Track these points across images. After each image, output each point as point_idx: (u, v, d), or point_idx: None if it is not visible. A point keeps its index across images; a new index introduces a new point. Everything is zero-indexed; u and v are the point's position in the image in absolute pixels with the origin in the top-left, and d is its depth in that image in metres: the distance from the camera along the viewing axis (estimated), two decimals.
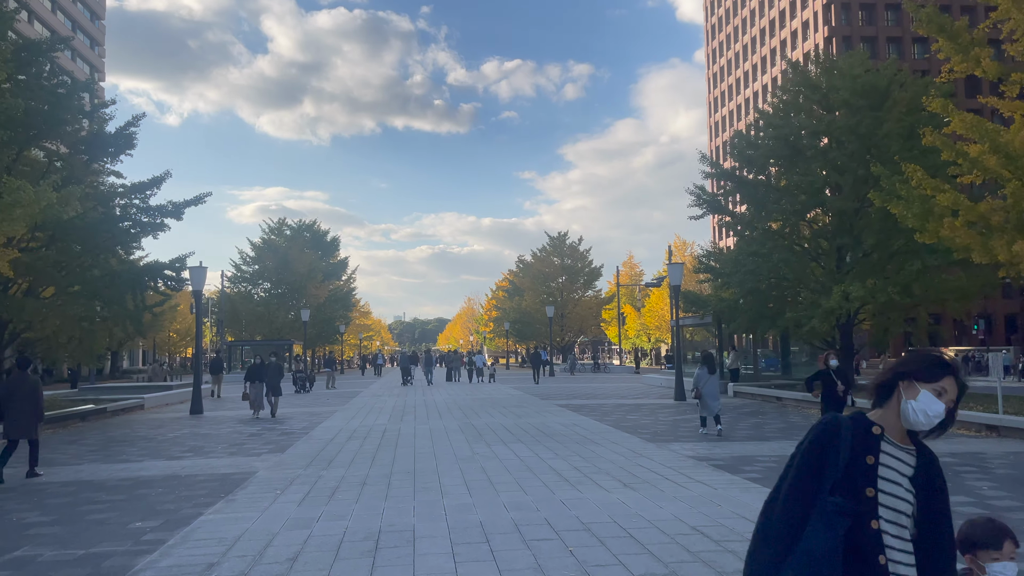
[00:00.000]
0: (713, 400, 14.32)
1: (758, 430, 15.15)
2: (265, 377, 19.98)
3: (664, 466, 10.59)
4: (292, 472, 10.71)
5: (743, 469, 10.29)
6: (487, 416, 18.89)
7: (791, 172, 23.43)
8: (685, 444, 12.98)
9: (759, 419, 17.43)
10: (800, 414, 18.49)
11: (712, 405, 14.28)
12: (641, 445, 12.89)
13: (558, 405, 22.13)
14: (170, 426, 18.18)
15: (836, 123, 21.82)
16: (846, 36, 77.72)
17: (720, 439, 13.63)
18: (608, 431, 15.09)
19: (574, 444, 13.10)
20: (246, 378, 20.26)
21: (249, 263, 65.48)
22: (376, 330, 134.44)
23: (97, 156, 22.77)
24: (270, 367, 20.35)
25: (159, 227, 23.67)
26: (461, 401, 24.59)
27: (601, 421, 17.16)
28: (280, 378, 20.33)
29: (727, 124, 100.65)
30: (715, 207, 25.99)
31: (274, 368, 20.37)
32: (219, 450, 13.48)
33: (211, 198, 23.04)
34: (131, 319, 23.17)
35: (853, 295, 19.87)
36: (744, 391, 25.13)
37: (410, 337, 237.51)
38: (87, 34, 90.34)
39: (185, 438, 15.45)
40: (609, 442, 13.33)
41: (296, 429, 16.66)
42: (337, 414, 20.38)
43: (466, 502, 8.30)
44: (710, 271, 24.86)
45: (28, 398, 10.73)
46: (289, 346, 60.04)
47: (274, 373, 20.21)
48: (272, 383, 20.04)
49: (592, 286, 69.33)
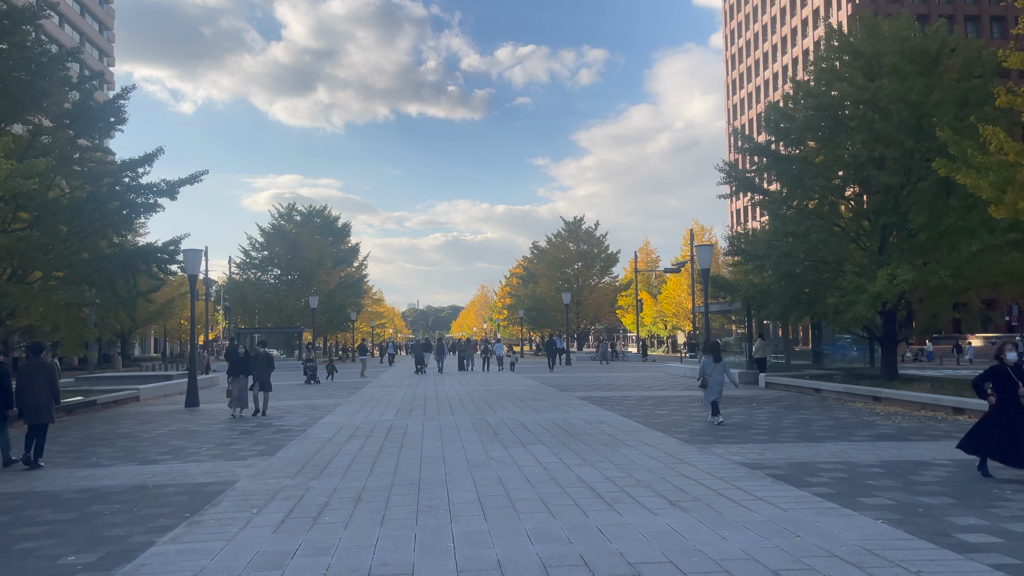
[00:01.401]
0: (716, 388, 14.39)
1: (805, 428, 13.51)
2: (251, 370, 17.26)
3: (713, 476, 8.99)
4: (277, 482, 9.19)
5: (808, 481, 8.67)
6: (502, 411, 17.34)
7: (830, 146, 21.64)
8: (730, 447, 11.37)
9: (802, 414, 15.78)
10: (846, 409, 16.82)
11: (708, 394, 14.42)
12: (679, 448, 11.29)
13: (578, 398, 20.56)
14: (159, 421, 16.76)
15: (882, 91, 19.96)
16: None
17: (771, 442, 12.00)
18: (638, 429, 13.49)
19: (602, 446, 11.51)
20: (228, 371, 17.47)
21: (258, 249, 64.20)
22: (389, 317, 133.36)
23: (84, 131, 21.25)
24: (257, 358, 17.43)
25: (152, 207, 22.21)
26: (474, 393, 23.07)
27: (628, 417, 15.57)
28: (270, 370, 17.33)
29: (745, 106, 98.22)
30: (746, 184, 24.24)
31: (262, 359, 17.37)
32: (203, 451, 12.01)
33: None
34: (123, 305, 21.77)
35: (901, 278, 18.13)
36: (777, 382, 23.46)
37: (424, 325, 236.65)
38: (96, 18, 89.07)
39: (170, 436, 13.99)
40: (642, 443, 11.74)
41: (293, 426, 15.18)
42: (341, 408, 18.90)
43: (480, 528, 6.74)
44: (741, 253, 23.11)
45: (45, 383, 10.88)
46: (299, 333, 58.82)
47: (262, 365, 17.27)
48: (261, 376, 17.23)
49: (609, 272, 67.67)
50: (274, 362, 17.61)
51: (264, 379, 17.28)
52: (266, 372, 17.28)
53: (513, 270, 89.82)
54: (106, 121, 21.34)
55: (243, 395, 17.15)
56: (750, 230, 28.76)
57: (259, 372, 17.26)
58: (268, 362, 17.41)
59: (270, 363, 17.42)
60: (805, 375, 23.85)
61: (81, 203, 20.02)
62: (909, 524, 6.68)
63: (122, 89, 21.54)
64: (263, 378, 17.27)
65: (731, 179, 24.15)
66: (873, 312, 19.47)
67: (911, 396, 16.76)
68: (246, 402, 17.28)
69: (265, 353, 17.58)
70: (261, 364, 17.31)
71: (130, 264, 21.24)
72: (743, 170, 24.00)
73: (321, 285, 62.48)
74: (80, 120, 20.76)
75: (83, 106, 20.63)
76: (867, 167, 20.40)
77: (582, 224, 67.38)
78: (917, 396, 16.60)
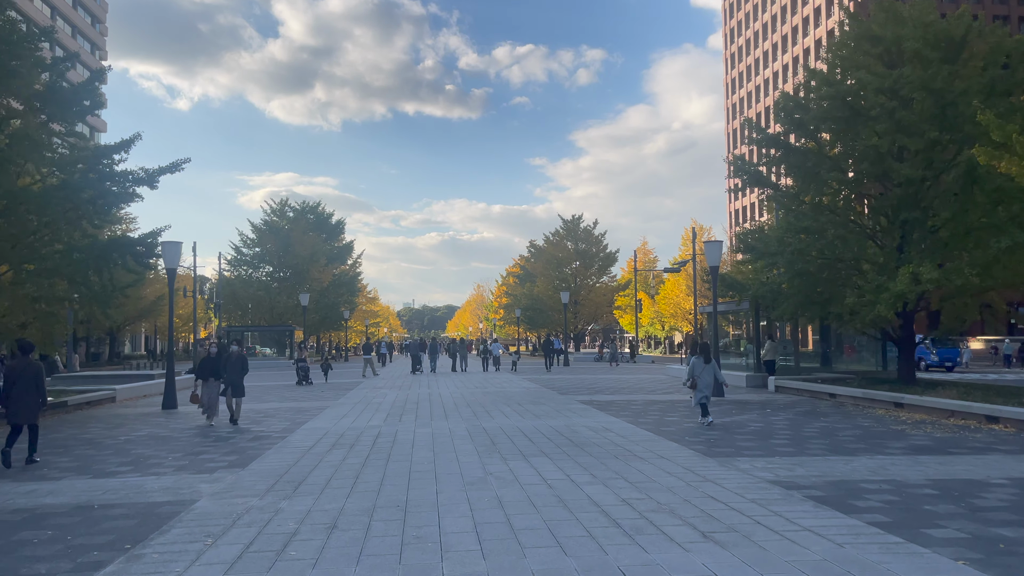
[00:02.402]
0: (705, 388, 14.39)
1: (831, 438, 12.35)
2: (224, 372, 15.24)
3: (744, 498, 7.82)
4: (243, 502, 8.00)
5: (856, 506, 7.50)
6: (500, 416, 16.16)
7: (846, 137, 20.52)
8: (754, 460, 10.20)
9: (823, 422, 14.62)
10: (868, 416, 15.67)
11: (698, 395, 14.42)
12: (698, 461, 10.12)
13: (580, 402, 19.38)
14: (130, 425, 15.55)
15: (904, 78, 18.84)
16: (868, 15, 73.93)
17: (799, 454, 10.84)
18: (650, 439, 12.31)
19: (613, 459, 10.34)
20: (197, 373, 15.51)
21: (250, 245, 62.96)
22: (384, 316, 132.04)
23: (57, 115, 19.98)
24: (230, 359, 15.40)
25: (130, 196, 20.96)
26: (470, 395, 21.87)
27: (636, 424, 14.39)
28: (244, 373, 15.30)
29: (745, 106, 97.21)
30: (756, 179, 23.07)
31: (237, 361, 15.35)
32: (167, 462, 10.80)
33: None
34: (97, 301, 20.49)
35: (924, 277, 17.01)
36: (788, 386, 22.31)
37: (419, 324, 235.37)
38: (88, 11, 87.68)
39: (135, 443, 12.77)
40: (656, 456, 10.57)
41: (273, 432, 13.97)
42: (327, 411, 17.70)
43: (476, 571, 5.55)
44: (751, 251, 21.96)
45: (31, 383, 10.78)
46: (291, 332, 57.57)
47: (236, 367, 15.24)
48: (233, 379, 15.21)
49: (607, 271, 66.52)
50: (248, 363, 15.65)
51: (237, 382, 15.31)
52: (239, 374, 15.33)
53: (510, 269, 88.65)
54: (80, 105, 20.08)
55: (214, 401, 15.28)
56: (759, 225, 27.56)
57: (231, 374, 15.26)
58: (241, 363, 15.39)
59: (243, 364, 15.40)
60: (816, 379, 22.73)
61: (52, 191, 18.79)
62: (997, 568, 5.52)
63: (95, 71, 20.31)
64: (235, 381, 15.29)
65: (740, 173, 23.00)
66: (892, 313, 18.33)
67: (938, 403, 15.61)
68: (217, 408, 15.46)
69: (238, 354, 15.60)
70: (233, 366, 15.30)
71: (104, 257, 19.97)
72: (752, 163, 22.83)
73: (314, 283, 61.25)
74: (53, 103, 19.50)
75: (56, 88, 19.38)
76: (887, 159, 19.28)
77: (580, 222, 66.23)
78: (945, 403, 15.45)
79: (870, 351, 30.23)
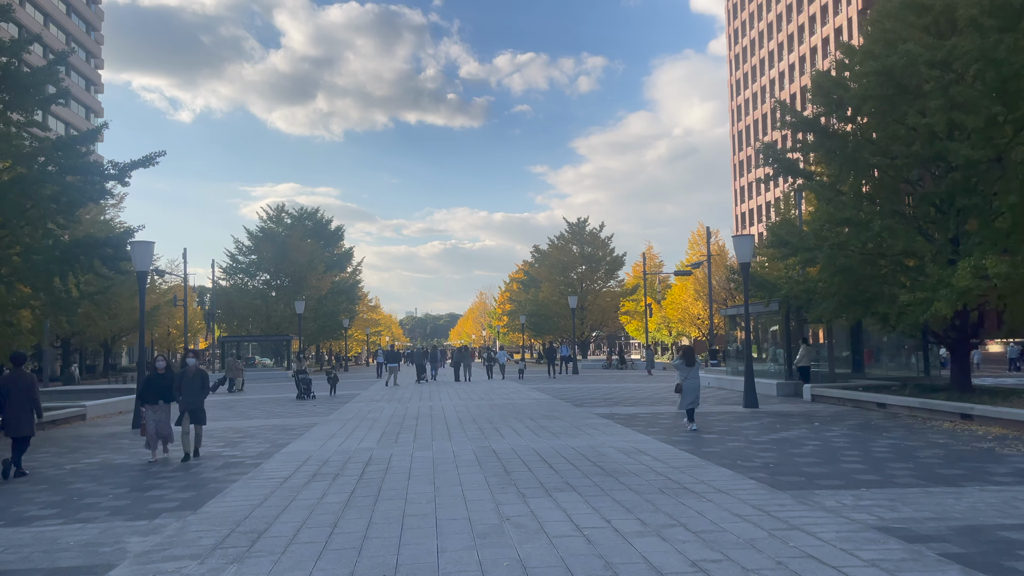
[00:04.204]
0: (692, 393, 14.34)
1: (912, 460, 10.25)
2: (178, 395, 11.93)
3: (858, 559, 5.73)
4: (176, 568, 5.92)
5: (1010, 567, 5.41)
6: (511, 434, 14.06)
7: (890, 118, 18.46)
8: (838, 494, 8.10)
9: (888, 438, 12.51)
10: (936, 431, 13.56)
11: (687, 398, 14.32)
12: (769, 497, 8.02)
13: (600, 415, 17.29)
14: (86, 449, 13.47)
15: (958, 49, 16.82)
16: None
17: (888, 484, 8.74)
18: (695, 464, 10.21)
19: (659, 495, 8.24)
20: (142, 396, 12.10)
21: (245, 253, 61.02)
22: (386, 325, 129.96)
23: (16, 104, 18.01)
24: (185, 377, 11.98)
25: (99, 193, 19.04)
26: (475, 408, 19.78)
27: (671, 443, 12.30)
28: (206, 394, 12.08)
29: (750, 107, 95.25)
30: (788, 167, 21.05)
31: (195, 379, 11.99)
32: (105, 502, 8.72)
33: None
34: (61, 308, 18.51)
35: (992, 271, 14.94)
36: (826, 394, 20.22)
37: (422, 332, 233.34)
38: (82, 18, 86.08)
39: (79, 474, 10.70)
40: (711, 489, 8.47)
41: (246, 457, 11.88)
42: (315, 430, 15.61)
43: None
44: (786, 245, 19.88)
45: (25, 394, 10.75)
46: (288, 341, 55.51)
47: (195, 387, 11.92)
48: (192, 403, 11.83)
49: (614, 276, 64.43)
50: (209, 381, 12.46)
51: (196, 407, 11.90)
52: (199, 396, 11.98)
53: (513, 275, 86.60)
54: (42, 91, 18.12)
55: (165, 429, 11.94)
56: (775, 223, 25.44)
57: (188, 396, 11.89)
58: (201, 381, 12.06)
59: (204, 383, 12.10)
60: (856, 386, 20.62)
61: (7, 187, 16.83)
62: None
63: (59, 53, 18.33)
64: (194, 405, 11.88)
65: (770, 161, 20.96)
66: (951, 312, 16.24)
67: (1018, 414, 13.50)
68: (171, 436, 12.11)
69: (197, 369, 12.08)
70: (191, 385, 11.93)
71: (68, 259, 17.99)
72: (784, 149, 20.79)
73: (312, 290, 59.25)
74: (8, 88, 17.55)
75: (11, 72, 17.40)
76: (939, 140, 17.22)
77: (586, 226, 64.19)
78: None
79: (890, 355, 28.15)
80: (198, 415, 11.91)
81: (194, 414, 11.87)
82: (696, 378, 14.58)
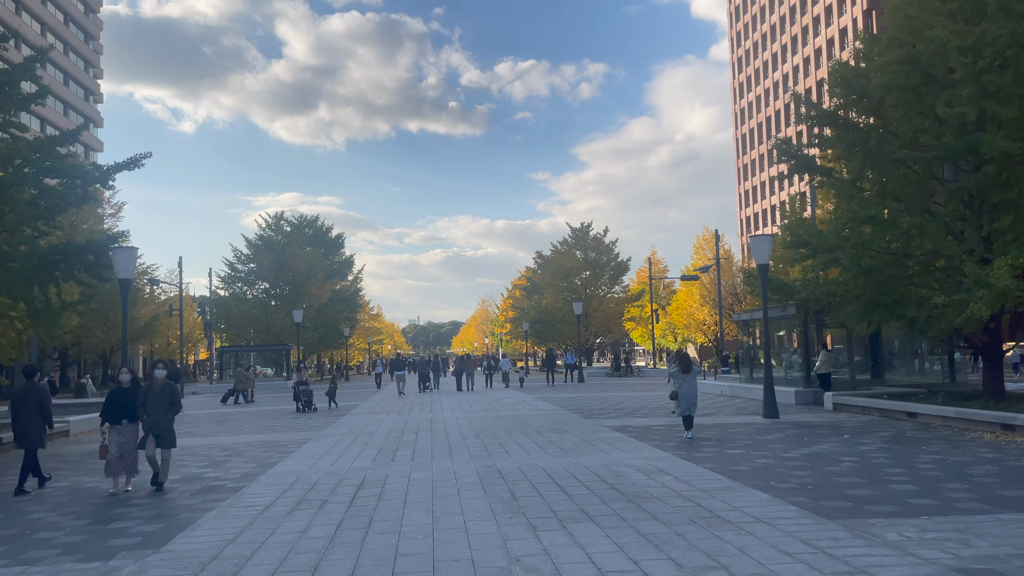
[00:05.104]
0: (687, 399, 14.14)
1: (967, 480, 9.19)
2: (142, 413, 10.22)
3: None
4: None
5: None
6: (517, 451, 12.99)
7: (917, 108, 17.44)
8: (896, 523, 7.03)
9: (931, 453, 11.43)
10: (980, 443, 12.48)
11: (681, 407, 14.15)
12: (817, 528, 6.96)
13: (611, 428, 16.22)
14: (60, 471, 12.44)
15: (988, 34, 15.81)
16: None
17: (951, 511, 7.67)
18: (724, 486, 9.14)
19: (691, 527, 7.18)
20: (104, 414, 10.43)
21: (244, 261, 60.10)
22: (388, 333, 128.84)
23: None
24: (150, 392, 10.28)
25: (81, 198, 18.06)
26: (478, 420, 18.70)
27: (693, 461, 11.23)
28: (175, 411, 10.33)
29: (753, 110, 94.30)
30: (805, 164, 20.05)
31: (163, 394, 10.25)
32: (59, 537, 7.68)
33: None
34: (39, 319, 17.48)
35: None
36: (849, 403, 19.13)
37: (424, 341, 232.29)
38: (80, 27, 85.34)
39: (40, 501, 9.65)
40: (750, 518, 7.41)
41: (228, 480, 10.84)
42: (307, 446, 14.56)
43: None
44: (805, 245, 18.84)
45: (37, 407, 10.66)
46: (287, 351, 54.52)
47: (161, 404, 10.19)
48: (157, 423, 10.13)
49: (619, 281, 63.25)
50: (179, 397, 10.53)
51: (162, 427, 10.14)
52: (167, 415, 10.24)
53: (516, 282, 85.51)
54: (17, 91, 17.18)
55: (130, 456, 10.25)
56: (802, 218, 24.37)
57: (154, 415, 10.12)
58: (170, 397, 10.28)
59: (173, 399, 10.31)
60: (881, 394, 19.54)
61: None
62: None
63: (38, 49, 17.39)
64: (160, 426, 10.12)
65: (787, 157, 19.96)
66: (988, 314, 15.17)
67: None
68: (135, 466, 10.34)
69: (166, 384, 10.38)
70: (157, 402, 10.18)
71: (46, 267, 16.99)
72: (800, 144, 19.77)
73: (312, 299, 58.27)
74: None
75: None
76: (971, 131, 16.19)
77: (590, 230, 63.07)
78: None
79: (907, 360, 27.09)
80: (165, 438, 10.19)
81: (160, 436, 10.15)
82: (692, 385, 14.32)
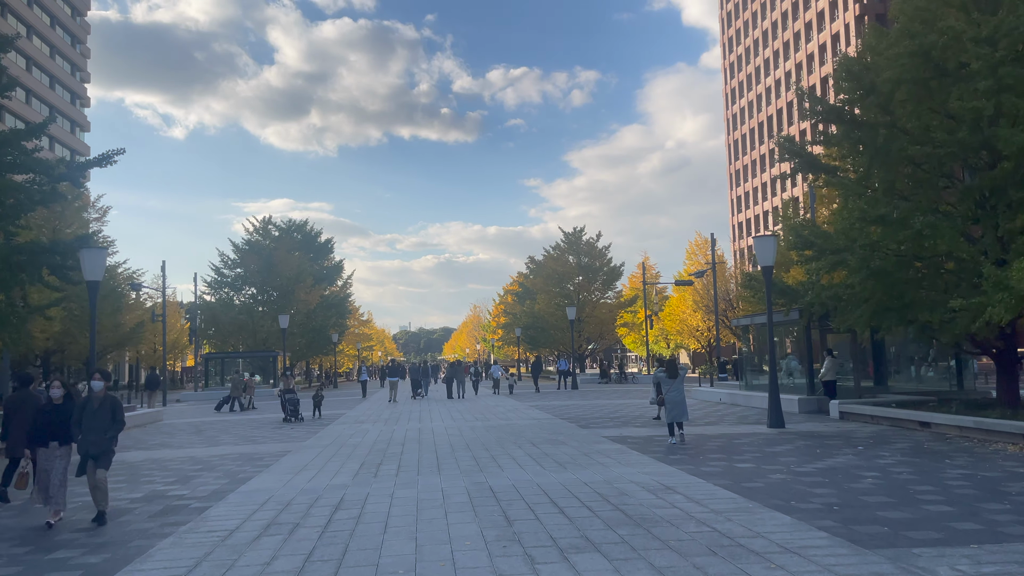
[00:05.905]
0: (675, 405, 14.19)
1: (1007, 499, 8.33)
2: (77, 433, 8.66)
3: None
4: None
5: None
6: (511, 465, 12.06)
7: (928, 104, 16.68)
8: (945, 553, 6.15)
9: (956, 467, 10.58)
10: (1006, 455, 11.65)
11: (672, 412, 14.20)
12: (857, 562, 6.05)
13: (609, 438, 15.31)
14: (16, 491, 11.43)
15: (1005, 25, 15.07)
16: (879, 14, 70.56)
17: (1002, 537, 6.80)
18: (740, 507, 8.25)
19: (710, 557, 6.28)
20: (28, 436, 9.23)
21: (231, 266, 58.88)
22: (379, 340, 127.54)
23: None
24: (87, 407, 8.71)
25: (49, 196, 17.10)
26: (469, 431, 17.77)
27: (702, 476, 10.33)
28: (118, 428, 8.68)
29: (746, 116, 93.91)
30: (810, 163, 19.27)
31: (103, 409, 8.67)
32: None
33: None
34: (6, 324, 16.46)
35: None
36: (856, 412, 18.31)
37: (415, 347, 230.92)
38: (67, 30, 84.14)
39: None
40: (777, 547, 6.52)
41: (193, 499, 9.87)
42: (285, 460, 13.59)
43: None
44: (811, 247, 18.03)
45: (30, 416, 9.79)
46: (274, 357, 53.37)
47: (101, 422, 8.59)
48: (94, 444, 8.56)
49: (612, 286, 62.43)
50: (122, 411, 8.82)
51: (101, 446, 8.58)
52: (108, 434, 8.63)
53: (508, 287, 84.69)
54: None
55: (61, 483, 8.70)
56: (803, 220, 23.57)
57: (91, 434, 8.56)
58: (112, 411, 8.69)
59: (115, 413, 8.70)
60: (890, 402, 18.72)
61: None
62: None
63: (3, 37, 16.44)
64: (98, 446, 8.56)
65: (789, 156, 19.18)
66: (1011, 317, 14.37)
67: None
68: (63, 497, 8.76)
69: (106, 397, 8.76)
70: (97, 419, 8.58)
71: (11, 267, 15.99)
72: (805, 142, 19.00)
73: (300, 304, 57.14)
74: None
75: None
76: (988, 127, 15.42)
77: (583, 235, 62.26)
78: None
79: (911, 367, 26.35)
80: (103, 456, 8.62)
81: (98, 456, 8.57)
82: (679, 391, 14.36)
